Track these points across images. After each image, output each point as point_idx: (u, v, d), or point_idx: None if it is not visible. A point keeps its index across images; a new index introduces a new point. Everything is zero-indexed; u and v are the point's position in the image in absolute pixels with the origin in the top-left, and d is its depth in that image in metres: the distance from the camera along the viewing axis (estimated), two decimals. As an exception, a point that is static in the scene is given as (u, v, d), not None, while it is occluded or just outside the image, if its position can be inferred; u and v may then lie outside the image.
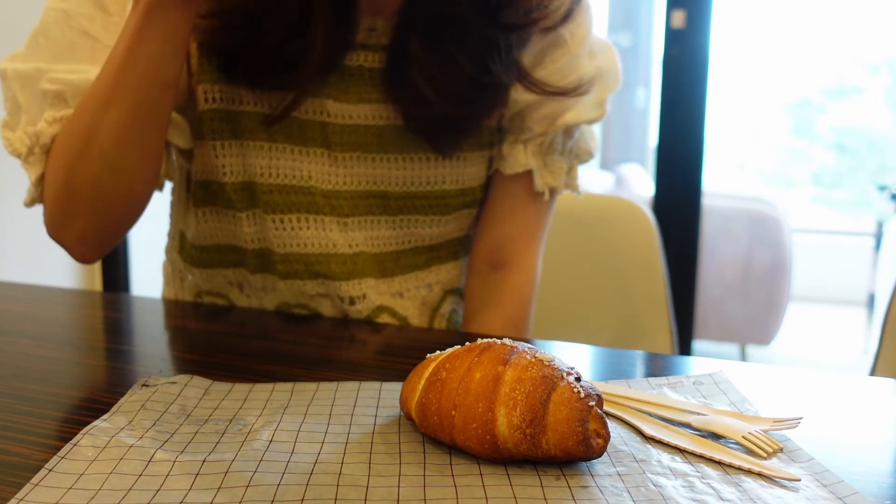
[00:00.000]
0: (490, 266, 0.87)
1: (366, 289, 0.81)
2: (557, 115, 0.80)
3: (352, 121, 0.77)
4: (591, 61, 0.81)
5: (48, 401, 0.53)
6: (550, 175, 0.83)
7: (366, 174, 0.79)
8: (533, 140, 0.82)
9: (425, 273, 0.86)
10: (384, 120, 0.78)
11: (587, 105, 0.81)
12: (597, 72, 0.81)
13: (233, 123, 0.76)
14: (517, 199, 0.85)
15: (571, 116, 0.80)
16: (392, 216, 0.82)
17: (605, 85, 0.82)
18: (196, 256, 0.85)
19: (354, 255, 0.80)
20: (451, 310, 0.90)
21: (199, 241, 0.84)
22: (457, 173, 0.82)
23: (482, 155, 0.83)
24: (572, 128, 0.82)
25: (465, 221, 0.87)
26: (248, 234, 0.79)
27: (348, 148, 0.78)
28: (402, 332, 0.76)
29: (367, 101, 0.77)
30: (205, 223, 0.82)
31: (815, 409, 0.54)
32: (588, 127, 0.85)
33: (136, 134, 0.70)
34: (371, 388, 0.55)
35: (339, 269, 0.79)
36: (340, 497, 0.39)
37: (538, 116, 0.81)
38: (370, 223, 0.81)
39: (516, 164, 0.82)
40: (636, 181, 3.88)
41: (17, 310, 0.78)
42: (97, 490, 0.40)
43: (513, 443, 0.43)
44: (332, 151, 0.78)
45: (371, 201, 0.80)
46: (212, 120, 0.76)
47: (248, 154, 0.77)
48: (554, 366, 0.45)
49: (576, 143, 0.84)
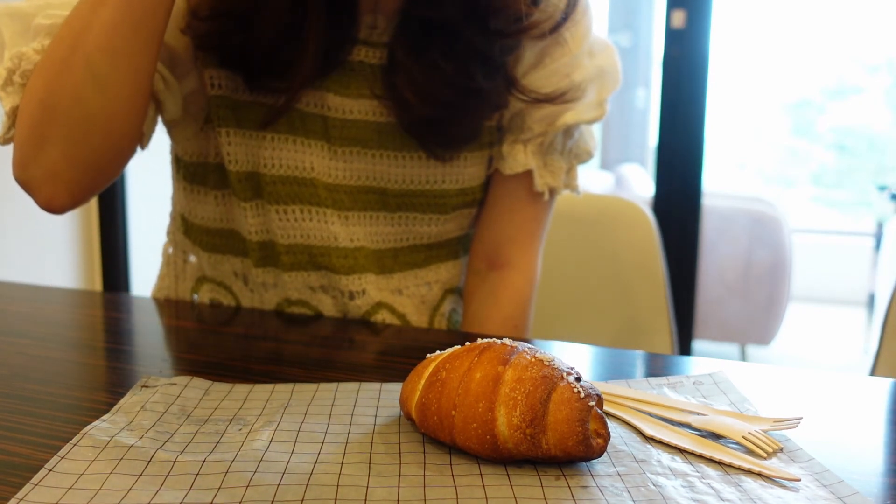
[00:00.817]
0: (489, 266, 0.87)
1: (365, 284, 0.81)
2: (557, 116, 0.80)
3: (352, 115, 0.78)
4: (591, 61, 0.81)
5: (48, 401, 0.53)
6: (550, 175, 0.83)
7: (365, 169, 0.79)
8: (533, 140, 0.82)
9: (424, 271, 0.86)
10: (383, 117, 0.78)
11: (587, 105, 0.81)
12: (597, 72, 0.81)
13: (237, 112, 0.76)
14: (517, 198, 0.85)
15: (571, 116, 0.80)
16: (391, 213, 0.82)
17: (605, 85, 0.82)
18: (203, 237, 0.85)
19: (355, 249, 0.80)
20: (450, 309, 0.90)
21: (210, 224, 0.84)
22: (456, 173, 0.82)
23: (482, 154, 0.83)
24: (572, 128, 0.82)
25: (464, 221, 0.87)
26: (251, 226, 0.79)
27: (348, 142, 0.78)
28: (401, 332, 0.76)
29: (367, 96, 0.78)
30: (223, 206, 0.82)
31: (815, 409, 0.54)
32: (587, 127, 0.85)
33: (125, 42, 0.65)
34: (371, 388, 0.55)
35: (339, 263, 0.80)
36: (340, 497, 0.39)
37: (538, 116, 0.81)
38: (369, 218, 0.81)
39: (516, 164, 0.82)
40: (636, 181, 3.88)
41: (17, 310, 0.78)
42: (97, 490, 0.40)
43: (513, 443, 0.43)
44: (332, 145, 0.78)
45: (370, 197, 0.80)
46: (218, 107, 0.76)
47: (252, 144, 0.77)
48: (554, 366, 0.45)
49: (575, 144, 0.84)
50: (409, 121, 0.78)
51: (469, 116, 0.79)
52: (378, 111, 0.78)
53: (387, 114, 0.78)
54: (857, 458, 0.47)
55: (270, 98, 0.75)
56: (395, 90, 0.77)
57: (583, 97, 0.80)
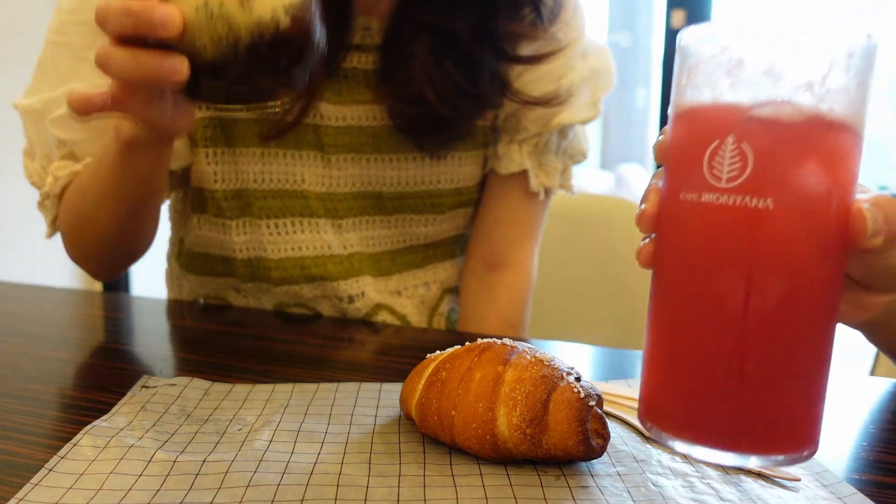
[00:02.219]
0: (485, 265, 0.87)
1: (364, 287, 0.81)
2: (552, 116, 0.81)
3: (345, 122, 0.77)
4: (585, 63, 0.81)
5: (48, 401, 0.53)
6: (545, 175, 0.84)
7: (360, 175, 0.79)
8: (528, 140, 0.82)
9: (422, 272, 0.86)
10: (378, 121, 0.78)
11: (581, 105, 0.82)
12: (590, 73, 0.82)
13: (227, 131, 0.76)
14: (512, 198, 0.85)
15: (566, 117, 0.81)
16: (387, 216, 0.82)
17: (599, 86, 0.83)
18: (190, 262, 0.85)
19: (350, 255, 0.80)
20: (449, 308, 0.90)
21: (194, 248, 0.84)
22: (451, 173, 0.82)
23: (476, 154, 0.83)
24: (567, 128, 0.83)
25: (460, 220, 0.87)
26: (237, 244, 0.79)
27: (342, 150, 0.78)
28: (401, 332, 0.76)
29: (360, 101, 0.77)
30: (199, 230, 0.82)
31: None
32: (581, 127, 0.85)
33: (132, 224, 0.74)
34: (371, 388, 0.55)
35: (335, 270, 0.79)
36: (340, 497, 0.39)
37: (533, 117, 0.81)
38: (365, 223, 0.81)
39: (511, 164, 0.83)
40: (636, 181, 3.88)
41: (17, 310, 0.78)
42: (97, 490, 0.40)
43: (513, 443, 0.43)
44: (326, 154, 0.78)
45: (366, 202, 0.80)
46: (205, 128, 0.76)
47: (241, 161, 0.76)
48: (554, 366, 0.45)
49: (570, 144, 0.84)
50: (404, 122, 0.78)
51: (464, 116, 0.79)
52: (372, 115, 0.78)
53: (380, 117, 0.78)
54: (856, 457, 0.47)
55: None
56: (389, 93, 0.77)
57: (574, 100, 0.81)
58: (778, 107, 0.33)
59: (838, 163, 0.34)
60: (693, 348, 0.36)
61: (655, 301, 0.38)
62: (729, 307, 0.35)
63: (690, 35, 0.36)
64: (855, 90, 0.34)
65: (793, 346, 0.35)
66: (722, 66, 0.34)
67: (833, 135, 0.34)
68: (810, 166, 0.34)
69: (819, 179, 0.34)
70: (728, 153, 0.34)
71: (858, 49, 0.34)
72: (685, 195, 0.36)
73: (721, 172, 0.34)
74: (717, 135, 0.34)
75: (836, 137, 0.34)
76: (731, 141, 0.34)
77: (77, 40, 0.72)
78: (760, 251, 0.34)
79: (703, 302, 0.35)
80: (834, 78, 0.33)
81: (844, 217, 0.35)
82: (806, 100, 0.33)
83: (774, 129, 0.34)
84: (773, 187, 0.33)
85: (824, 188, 0.34)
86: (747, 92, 0.34)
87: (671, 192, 0.37)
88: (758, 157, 0.33)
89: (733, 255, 0.34)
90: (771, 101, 0.33)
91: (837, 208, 0.34)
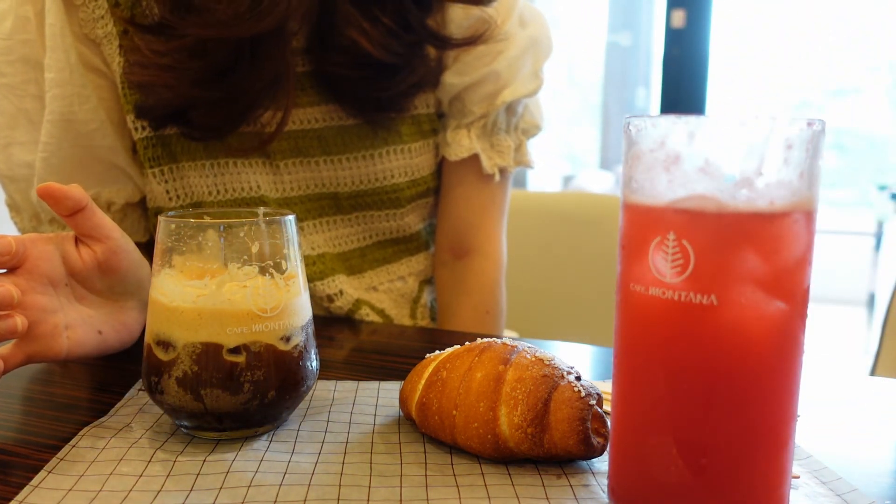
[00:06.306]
0: (453, 254, 0.87)
1: (340, 285, 0.81)
2: (496, 94, 0.80)
3: (289, 127, 0.76)
4: (524, 31, 0.80)
5: (48, 401, 0.53)
6: (498, 155, 0.83)
7: (312, 178, 0.79)
8: (476, 123, 0.82)
9: (396, 266, 0.86)
10: (320, 122, 0.78)
11: (524, 78, 0.81)
12: (530, 42, 0.81)
13: (168, 147, 0.74)
14: (468, 184, 0.85)
15: (510, 93, 0.80)
16: (346, 215, 0.81)
17: (539, 54, 0.82)
18: None
19: (319, 255, 0.80)
20: (431, 299, 0.90)
21: None
22: (404, 165, 0.81)
23: (426, 143, 0.83)
24: (514, 104, 0.82)
25: (423, 211, 0.86)
26: None
27: (288, 154, 0.77)
28: (400, 332, 0.76)
29: (301, 105, 0.77)
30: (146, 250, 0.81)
31: (815, 408, 0.54)
32: (533, 100, 0.84)
33: None
34: (369, 387, 0.55)
35: (309, 272, 0.79)
36: (343, 497, 0.39)
37: (477, 98, 0.80)
38: (326, 224, 0.81)
39: (461, 150, 0.82)
40: (636, 181, 3.87)
41: (17, 310, 0.78)
42: (97, 492, 0.40)
43: (514, 442, 0.43)
44: (274, 160, 0.77)
45: (323, 203, 0.80)
46: (146, 148, 0.74)
47: (189, 175, 0.75)
48: (554, 365, 0.45)
49: (521, 119, 0.84)
50: (347, 86, 0.76)
51: (403, 62, 0.76)
52: (314, 118, 0.77)
53: (324, 119, 0.77)
54: (856, 457, 0.47)
55: None
56: (345, 50, 0.74)
57: (516, 74, 0.79)
58: (716, 203, 0.33)
59: (784, 251, 0.34)
60: (651, 435, 0.36)
61: (617, 382, 0.38)
62: (682, 400, 0.35)
63: (634, 125, 0.35)
64: (798, 180, 0.33)
65: (747, 438, 0.35)
66: (660, 161, 0.34)
67: (776, 226, 0.33)
68: (753, 260, 0.33)
69: (763, 272, 0.34)
70: (671, 249, 0.34)
71: (798, 140, 0.33)
72: (634, 286, 0.36)
73: (665, 268, 0.34)
74: (658, 231, 0.34)
75: (779, 228, 0.34)
76: (672, 238, 0.34)
77: (16, 79, 0.72)
78: (708, 346, 0.34)
79: (656, 392, 0.36)
80: (771, 172, 0.33)
81: (802, 300, 0.34)
82: (743, 195, 0.33)
83: (714, 226, 0.33)
84: (716, 283, 0.33)
85: (769, 280, 0.34)
86: (684, 189, 0.34)
87: (623, 281, 0.37)
88: (699, 254, 0.33)
89: (682, 349, 0.34)
90: (709, 196, 0.33)
91: (789, 294, 0.34)
